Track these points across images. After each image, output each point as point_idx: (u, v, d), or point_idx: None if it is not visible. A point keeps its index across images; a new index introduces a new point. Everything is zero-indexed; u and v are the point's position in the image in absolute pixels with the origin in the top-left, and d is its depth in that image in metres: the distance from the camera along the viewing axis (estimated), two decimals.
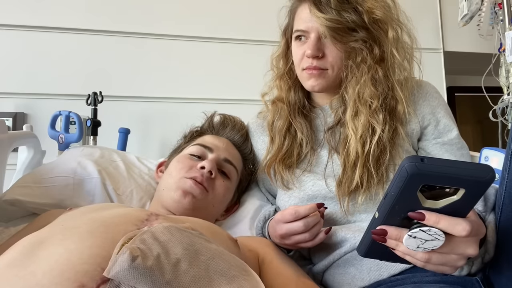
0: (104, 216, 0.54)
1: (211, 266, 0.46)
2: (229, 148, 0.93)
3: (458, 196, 0.46)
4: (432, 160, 0.45)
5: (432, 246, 0.49)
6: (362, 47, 0.81)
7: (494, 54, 1.79)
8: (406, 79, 0.85)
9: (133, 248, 0.42)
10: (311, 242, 0.73)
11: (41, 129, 1.29)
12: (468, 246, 0.50)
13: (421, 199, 0.47)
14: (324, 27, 0.78)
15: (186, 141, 0.99)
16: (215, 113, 1.04)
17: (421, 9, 1.97)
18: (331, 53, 0.82)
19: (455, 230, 0.47)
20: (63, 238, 0.47)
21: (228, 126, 0.99)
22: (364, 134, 0.78)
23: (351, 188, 0.76)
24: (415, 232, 0.48)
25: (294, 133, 0.89)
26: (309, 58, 0.82)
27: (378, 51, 0.82)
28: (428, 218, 0.47)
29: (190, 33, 1.75)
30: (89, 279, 0.40)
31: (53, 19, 1.62)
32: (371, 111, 0.79)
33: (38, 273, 0.41)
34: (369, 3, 0.81)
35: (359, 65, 0.81)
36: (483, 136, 2.79)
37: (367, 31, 0.81)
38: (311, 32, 0.82)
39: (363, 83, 0.80)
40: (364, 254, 0.56)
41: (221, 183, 0.86)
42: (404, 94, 0.82)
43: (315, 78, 0.83)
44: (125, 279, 0.40)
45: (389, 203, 0.48)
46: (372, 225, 0.52)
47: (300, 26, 0.84)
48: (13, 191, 0.88)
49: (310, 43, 0.81)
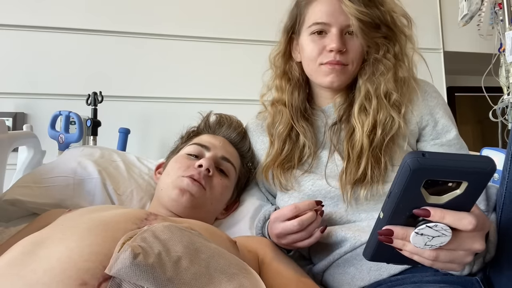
0: (103, 216, 0.55)
1: (211, 264, 0.46)
2: (226, 146, 0.93)
3: (461, 190, 0.46)
4: (433, 155, 0.45)
5: (440, 242, 0.49)
6: (384, 43, 0.82)
7: (494, 54, 1.80)
8: (407, 78, 0.85)
9: (135, 246, 0.42)
10: (307, 241, 0.73)
11: (41, 129, 1.29)
12: (475, 241, 0.50)
13: (425, 195, 0.47)
14: (355, 18, 0.77)
15: (183, 141, 0.99)
16: (211, 112, 1.04)
17: (421, 9, 1.97)
18: (353, 48, 0.81)
19: (461, 224, 0.47)
20: (63, 237, 0.47)
21: (224, 125, 0.99)
22: (372, 126, 0.79)
23: (356, 177, 0.76)
24: (422, 228, 0.48)
25: (295, 137, 0.88)
26: (332, 52, 0.80)
27: (398, 49, 0.83)
28: (433, 214, 0.47)
29: (190, 33, 1.75)
30: (91, 276, 0.40)
31: (53, 19, 1.62)
32: (390, 105, 0.80)
33: (39, 271, 0.41)
34: (389, 4, 0.82)
35: (382, 60, 0.82)
36: (483, 136, 2.79)
37: (388, 29, 0.82)
38: (333, 25, 0.80)
39: (387, 78, 0.81)
40: (370, 258, 0.55)
41: (219, 181, 0.86)
42: (408, 93, 0.83)
43: (336, 73, 0.81)
44: (126, 276, 0.40)
45: (393, 201, 0.48)
46: (378, 226, 0.51)
47: (321, 19, 0.81)
48: (13, 191, 0.88)
49: (334, 36, 0.79)
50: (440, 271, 0.65)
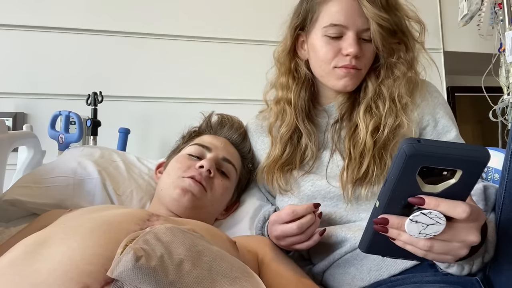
0: (106, 216, 0.54)
1: (213, 267, 0.46)
2: (228, 147, 0.93)
3: (456, 179, 0.47)
4: (429, 141, 0.46)
5: (434, 231, 0.49)
6: (399, 49, 0.82)
7: (494, 54, 1.79)
8: (414, 80, 0.85)
9: (137, 249, 0.42)
10: (306, 244, 0.73)
11: (41, 129, 1.29)
12: (469, 232, 0.50)
13: (420, 184, 0.48)
14: (375, 23, 0.76)
15: (185, 141, 0.99)
16: (212, 113, 1.04)
17: (421, 9, 1.95)
18: (367, 53, 0.80)
19: (456, 212, 0.48)
20: (65, 237, 0.47)
21: (226, 126, 0.99)
22: (378, 127, 0.79)
23: (358, 176, 0.76)
24: (417, 215, 0.48)
25: (297, 140, 0.87)
26: (348, 56, 0.78)
27: (411, 55, 0.83)
28: (428, 202, 0.48)
29: (190, 33, 1.75)
30: (93, 280, 0.40)
31: (53, 19, 1.62)
32: (402, 108, 0.80)
33: (42, 272, 0.41)
34: (403, 10, 0.82)
35: (396, 65, 0.82)
36: (483, 136, 2.79)
37: (403, 34, 0.82)
38: (350, 29, 0.77)
39: (401, 82, 0.81)
40: (366, 250, 0.56)
41: (220, 182, 0.86)
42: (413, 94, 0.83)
43: (351, 77, 0.80)
44: (129, 279, 0.40)
45: (389, 188, 0.48)
46: (373, 215, 0.52)
47: (339, 21, 0.77)
48: (13, 191, 0.88)
49: (351, 40, 0.77)
50: (440, 271, 0.65)
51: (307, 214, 0.72)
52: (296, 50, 0.90)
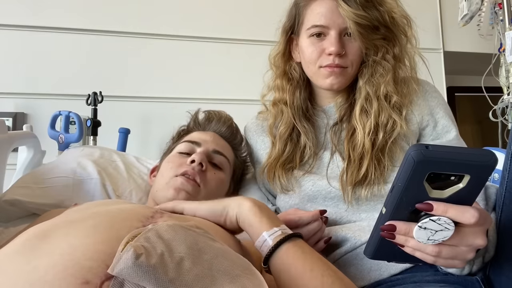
0: (110, 211, 0.54)
1: (214, 265, 0.46)
2: (217, 140, 0.93)
3: (463, 184, 0.47)
4: (436, 147, 0.45)
5: (443, 237, 0.48)
6: (383, 45, 0.82)
7: (494, 54, 1.80)
8: (408, 79, 0.85)
9: (137, 246, 0.42)
10: None
11: (41, 129, 1.29)
12: (477, 236, 0.50)
13: (427, 189, 0.47)
14: (352, 22, 0.77)
15: (174, 141, 0.98)
16: (199, 110, 1.03)
17: (421, 9, 1.97)
18: (352, 51, 0.81)
19: (464, 217, 0.47)
20: (67, 233, 0.47)
21: (214, 120, 0.99)
22: (374, 128, 0.79)
23: (357, 179, 0.76)
24: (425, 222, 0.47)
25: (296, 138, 0.88)
26: (331, 55, 0.80)
27: (398, 50, 0.83)
28: (436, 208, 0.47)
29: (190, 33, 1.75)
30: (94, 275, 0.40)
31: (53, 19, 1.62)
32: (391, 107, 0.80)
33: (41, 268, 0.41)
34: (388, 4, 0.82)
35: (381, 62, 0.82)
36: (483, 136, 2.79)
37: (387, 30, 0.82)
38: (331, 28, 0.79)
39: (386, 80, 0.81)
40: (372, 256, 0.55)
41: (213, 175, 0.86)
42: (409, 93, 0.83)
43: (336, 76, 0.81)
44: (128, 276, 0.40)
45: (396, 195, 0.47)
46: (380, 222, 0.51)
47: (320, 21, 0.80)
48: (13, 191, 0.88)
49: (333, 39, 0.79)
50: (440, 270, 0.65)
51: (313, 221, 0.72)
52: (291, 53, 0.92)
